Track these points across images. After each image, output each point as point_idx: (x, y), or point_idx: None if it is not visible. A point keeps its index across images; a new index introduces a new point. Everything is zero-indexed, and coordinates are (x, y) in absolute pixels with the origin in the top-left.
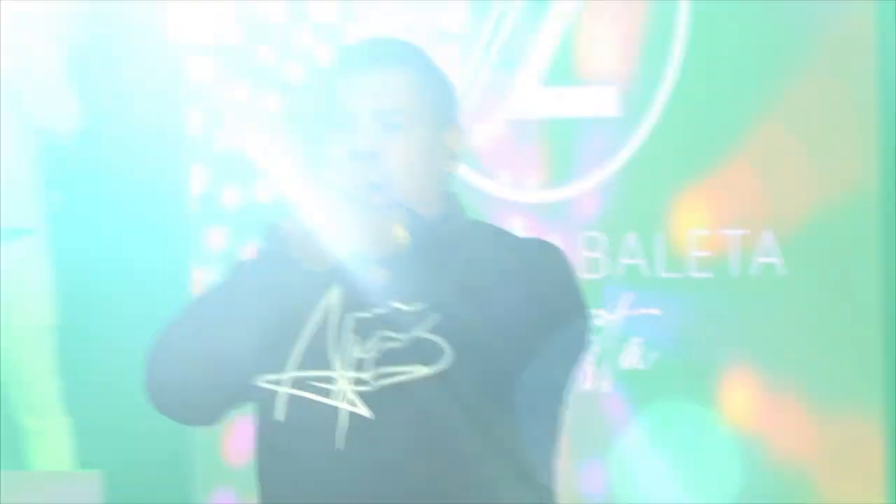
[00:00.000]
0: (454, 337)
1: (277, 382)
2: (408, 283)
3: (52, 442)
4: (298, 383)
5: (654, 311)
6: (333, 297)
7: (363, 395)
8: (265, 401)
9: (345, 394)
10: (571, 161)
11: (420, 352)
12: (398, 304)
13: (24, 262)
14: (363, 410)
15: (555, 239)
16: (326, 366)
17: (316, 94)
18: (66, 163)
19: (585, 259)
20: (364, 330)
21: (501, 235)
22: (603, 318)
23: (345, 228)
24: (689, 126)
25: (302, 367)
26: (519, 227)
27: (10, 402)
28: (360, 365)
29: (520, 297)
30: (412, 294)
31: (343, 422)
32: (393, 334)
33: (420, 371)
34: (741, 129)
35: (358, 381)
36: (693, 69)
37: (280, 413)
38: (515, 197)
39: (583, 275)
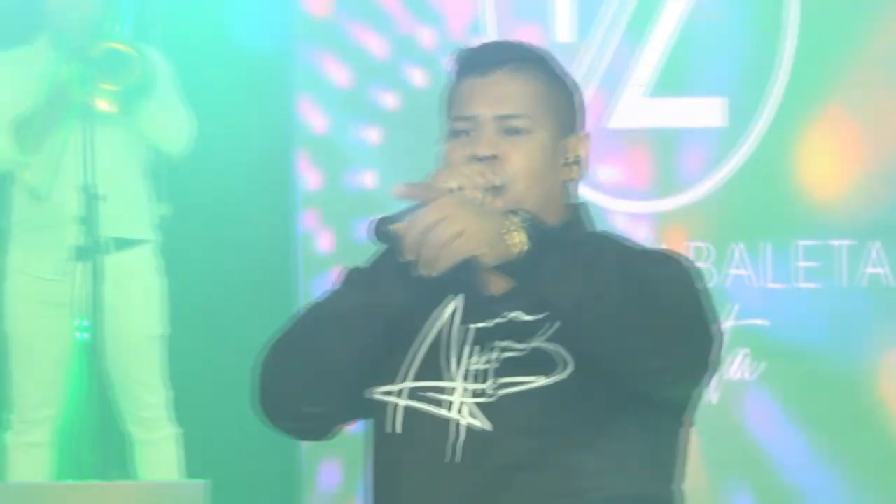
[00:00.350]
0: (574, 347)
1: (392, 394)
2: (527, 291)
3: (160, 451)
4: (414, 394)
5: (762, 322)
6: (451, 306)
7: (481, 407)
8: (380, 413)
9: (462, 405)
10: (678, 171)
11: (539, 362)
12: (517, 314)
13: (136, 271)
14: (481, 422)
15: (662, 249)
16: (444, 376)
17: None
18: (174, 174)
19: None
20: (482, 340)
21: (625, 246)
22: None
23: (461, 233)
24: (796, 135)
25: (418, 377)
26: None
27: (121, 411)
28: (478, 376)
29: (642, 309)
30: (531, 303)
31: (460, 434)
32: (512, 343)
33: (539, 381)
34: (848, 138)
35: (475, 393)
36: (800, 77)
37: (394, 425)
38: (622, 207)
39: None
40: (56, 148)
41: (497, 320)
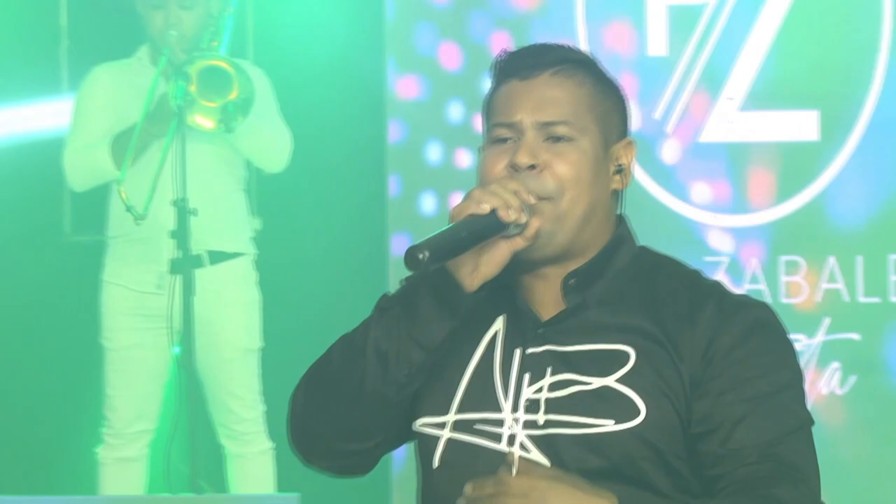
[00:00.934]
0: (644, 390)
1: (438, 426)
2: (584, 319)
3: (254, 466)
4: (461, 426)
5: (854, 336)
6: (492, 329)
7: (535, 440)
8: (425, 446)
9: (514, 437)
10: (770, 185)
11: (607, 403)
12: (578, 345)
13: (234, 285)
14: (538, 458)
15: (754, 262)
16: (494, 407)
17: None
18: (266, 187)
19: (785, 283)
20: (534, 366)
21: (701, 285)
22: (802, 343)
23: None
24: (890, 148)
25: (463, 407)
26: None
27: (214, 425)
28: (530, 406)
29: (720, 351)
30: (588, 332)
31: (515, 470)
32: (576, 377)
33: (608, 426)
34: None
35: (529, 424)
36: (894, 89)
37: (441, 459)
38: (715, 221)
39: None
40: (154, 165)
41: (549, 347)
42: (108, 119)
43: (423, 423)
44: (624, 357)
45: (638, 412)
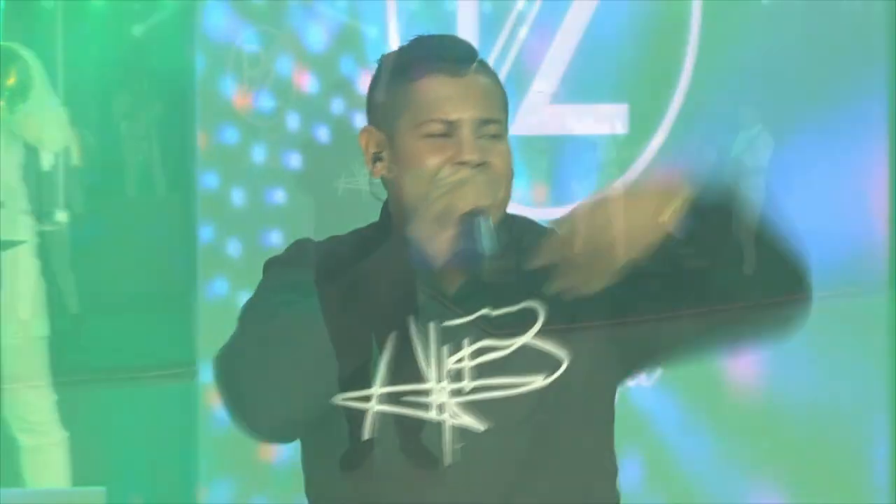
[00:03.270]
0: (566, 342)
1: (363, 399)
2: (493, 286)
3: (49, 457)
4: (388, 399)
5: None
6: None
7: (464, 406)
8: (350, 420)
9: (445, 406)
10: (579, 179)
11: (529, 360)
12: (486, 311)
13: (13, 273)
14: (471, 422)
15: None
16: (418, 378)
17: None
18: (73, 181)
19: None
20: (454, 337)
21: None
22: None
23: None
24: (698, 143)
25: (390, 381)
26: None
27: (6, 418)
28: (457, 375)
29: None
30: (500, 297)
31: (448, 437)
32: (494, 342)
33: (536, 382)
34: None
35: (456, 392)
36: (702, 85)
37: (370, 432)
38: (522, 213)
39: None
40: None
41: (462, 319)
42: None
43: (344, 398)
44: (534, 313)
45: (560, 362)
